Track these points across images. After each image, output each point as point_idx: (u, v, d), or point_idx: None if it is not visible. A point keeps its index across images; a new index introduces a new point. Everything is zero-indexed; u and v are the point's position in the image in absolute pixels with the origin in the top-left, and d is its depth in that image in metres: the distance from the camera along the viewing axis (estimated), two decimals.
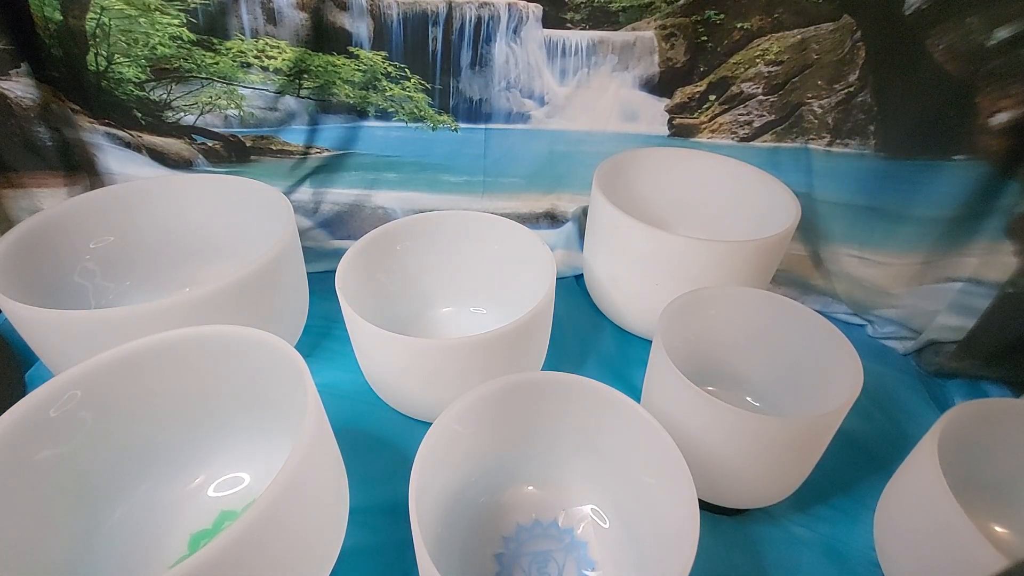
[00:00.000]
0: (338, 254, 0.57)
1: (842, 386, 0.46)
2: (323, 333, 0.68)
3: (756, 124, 0.70)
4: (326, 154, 0.70)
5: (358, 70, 0.65)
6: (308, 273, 0.64)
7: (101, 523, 0.43)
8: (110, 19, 0.57)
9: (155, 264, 0.66)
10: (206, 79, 0.62)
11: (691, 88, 0.69)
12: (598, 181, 0.65)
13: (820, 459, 0.48)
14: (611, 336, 0.72)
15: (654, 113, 0.71)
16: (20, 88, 0.59)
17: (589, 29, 0.65)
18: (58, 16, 0.57)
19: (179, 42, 0.59)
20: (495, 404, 0.45)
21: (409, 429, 0.58)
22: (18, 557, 0.37)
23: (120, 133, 0.65)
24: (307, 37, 0.61)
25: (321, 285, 0.63)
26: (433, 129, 0.70)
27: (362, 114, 0.69)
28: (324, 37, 0.62)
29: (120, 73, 0.61)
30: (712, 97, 0.69)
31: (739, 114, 0.70)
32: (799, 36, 0.63)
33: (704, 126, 0.72)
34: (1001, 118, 0.56)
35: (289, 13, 0.60)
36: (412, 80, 0.66)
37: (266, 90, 0.64)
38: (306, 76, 0.64)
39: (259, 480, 0.49)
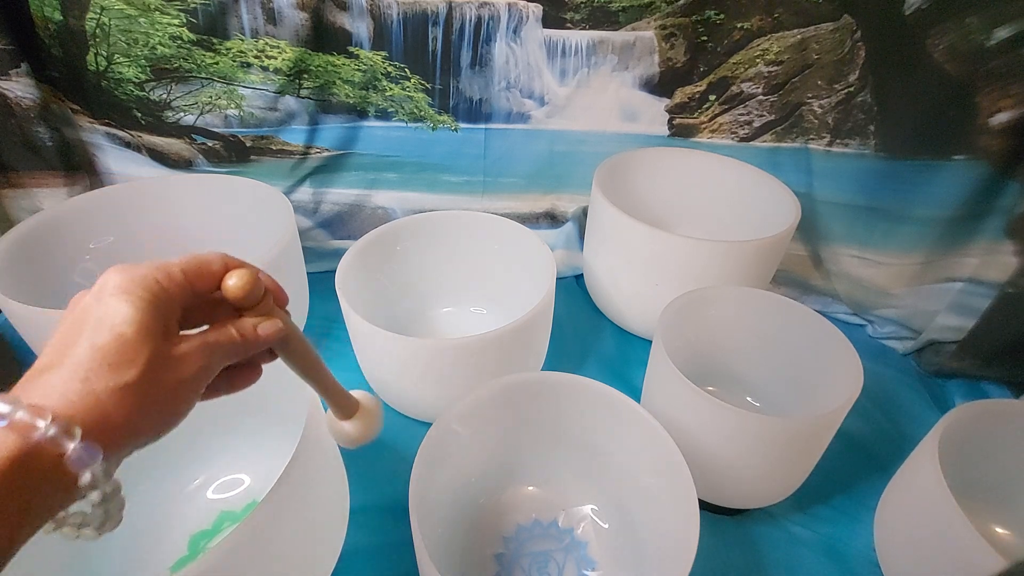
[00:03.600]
0: (338, 254, 0.58)
1: (842, 386, 0.46)
2: (323, 333, 0.68)
3: (756, 124, 0.70)
4: (326, 154, 0.70)
5: (358, 70, 0.65)
6: (308, 273, 0.64)
7: None
8: (110, 19, 0.57)
9: None
10: (206, 79, 0.62)
11: (691, 88, 0.69)
12: (598, 181, 0.65)
13: (820, 459, 0.48)
14: (611, 336, 0.72)
15: (654, 113, 0.71)
16: (20, 88, 0.59)
17: (589, 29, 0.65)
18: (58, 16, 0.57)
19: (179, 42, 0.59)
20: (495, 404, 0.45)
21: (409, 429, 0.58)
22: (18, 556, 0.37)
23: (120, 133, 0.65)
24: (307, 37, 0.61)
25: (321, 285, 0.63)
26: (433, 129, 0.70)
27: (362, 114, 0.69)
28: (324, 37, 0.62)
29: (120, 73, 0.61)
30: (712, 97, 0.69)
31: (739, 114, 0.70)
32: (799, 36, 0.63)
33: (704, 126, 0.72)
34: (1001, 118, 0.56)
35: (289, 13, 0.60)
36: (412, 80, 0.66)
37: (266, 90, 0.64)
38: (306, 76, 0.64)
39: (259, 481, 0.49)
